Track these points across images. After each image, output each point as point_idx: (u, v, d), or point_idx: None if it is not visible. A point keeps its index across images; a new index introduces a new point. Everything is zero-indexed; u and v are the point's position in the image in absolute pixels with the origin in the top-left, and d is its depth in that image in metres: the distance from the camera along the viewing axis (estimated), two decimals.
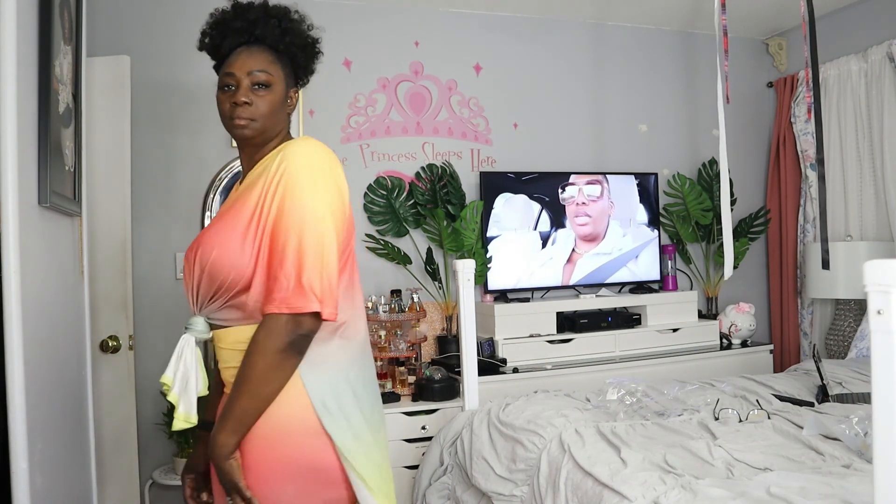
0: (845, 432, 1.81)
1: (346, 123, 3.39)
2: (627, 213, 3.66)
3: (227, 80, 1.38)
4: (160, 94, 3.10)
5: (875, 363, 0.88)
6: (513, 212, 3.46)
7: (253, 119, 1.36)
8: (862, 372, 2.66)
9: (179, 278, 3.10)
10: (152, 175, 3.09)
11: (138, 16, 3.08)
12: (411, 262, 3.38)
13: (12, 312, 1.45)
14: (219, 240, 1.31)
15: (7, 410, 1.46)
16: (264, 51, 1.41)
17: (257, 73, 1.37)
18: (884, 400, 0.86)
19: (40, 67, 1.66)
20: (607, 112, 3.86)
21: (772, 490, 1.48)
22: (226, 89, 1.38)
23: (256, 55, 1.39)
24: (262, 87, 1.38)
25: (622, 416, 2.16)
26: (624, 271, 3.65)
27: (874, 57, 3.44)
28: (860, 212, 3.60)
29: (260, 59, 1.39)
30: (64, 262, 1.91)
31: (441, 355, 3.36)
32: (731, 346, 3.63)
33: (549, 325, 3.38)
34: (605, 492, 1.63)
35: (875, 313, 0.87)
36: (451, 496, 2.34)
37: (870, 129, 3.51)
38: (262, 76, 1.38)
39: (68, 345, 1.94)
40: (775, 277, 4.01)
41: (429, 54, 3.53)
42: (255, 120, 1.37)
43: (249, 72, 1.37)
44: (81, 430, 2.05)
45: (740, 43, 4.07)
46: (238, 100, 1.36)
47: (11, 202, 1.45)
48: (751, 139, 4.15)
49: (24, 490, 1.46)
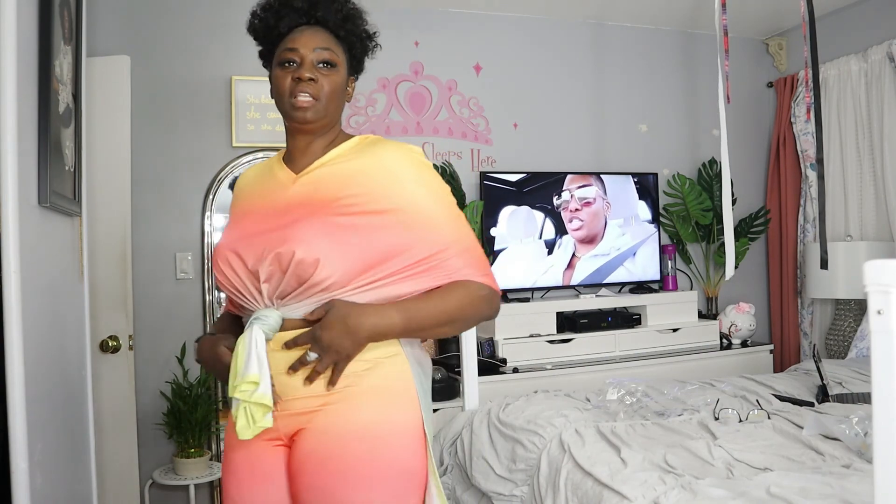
0: (845, 432, 1.80)
1: (346, 123, 3.39)
2: (627, 211, 3.66)
3: (289, 56, 1.30)
4: (160, 94, 3.10)
5: (875, 363, 0.88)
6: (517, 223, 3.46)
7: (317, 98, 1.29)
8: (862, 372, 2.66)
9: (180, 278, 3.10)
10: (152, 175, 3.09)
11: (138, 16, 3.08)
12: None
13: (12, 312, 1.45)
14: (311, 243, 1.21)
15: (7, 410, 1.45)
16: (327, 32, 1.34)
17: (322, 51, 1.31)
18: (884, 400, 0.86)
19: (40, 67, 1.66)
20: (607, 112, 3.86)
21: (772, 490, 1.48)
22: (287, 65, 1.30)
23: (320, 34, 1.33)
24: (328, 66, 1.31)
25: (622, 416, 2.15)
26: (621, 270, 3.64)
27: (874, 57, 3.44)
28: (860, 212, 3.60)
29: (325, 37, 1.33)
30: (64, 262, 1.91)
31: (441, 355, 3.36)
32: (731, 346, 3.63)
33: (550, 325, 3.38)
34: (605, 492, 1.63)
35: (875, 313, 0.87)
36: (451, 496, 2.34)
37: (870, 129, 3.50)
38: (327, 54, 1.31)
39: (68, 345, 1.94)
40: (775, 277, 4.01)
41: (429, 54, 3.53)
42: (318, 100, 1.29)
43: (315, 48, 1.30)
44: (81, 431, 2.05)
45: (740, 43, 4.07)
46: (303, 75, 1.28)
47: (11, 202, 1.45)
48: (751, 139, 4.15)
49: (24, 490, 1.46)
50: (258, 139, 3.18)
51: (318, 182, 1.30)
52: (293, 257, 1.19)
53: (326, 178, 1.30)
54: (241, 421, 1.18)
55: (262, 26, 1.37)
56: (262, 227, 1.29)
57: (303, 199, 1.29)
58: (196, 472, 2.83)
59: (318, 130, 1.34)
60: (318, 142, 1.35)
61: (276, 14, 1.34)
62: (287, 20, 1.33)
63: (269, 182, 1.37)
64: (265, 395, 1.17)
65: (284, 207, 1.29)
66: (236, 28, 3.21)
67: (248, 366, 1.17)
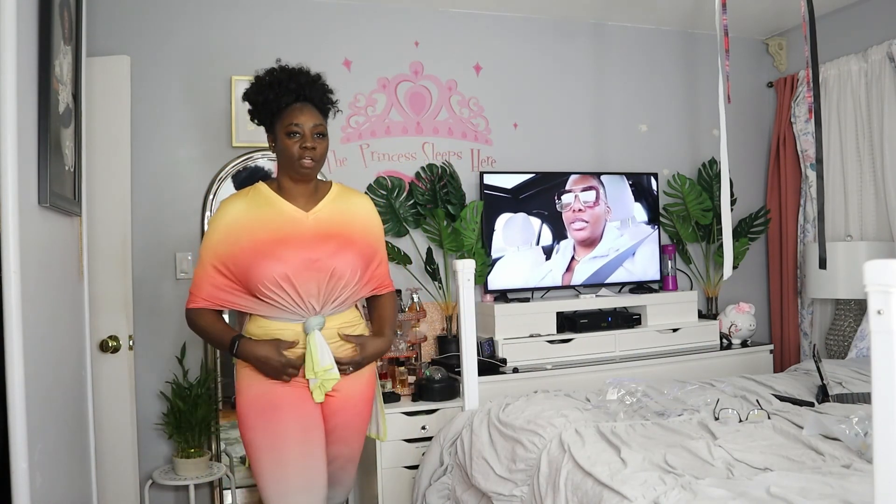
0: (845, 432, 1.80)
1: (346, 123, 3.39)
2: (625, 213, 3.66)
3: (294, 129, 1.88)
4: (160, 94, 3.10)
5: (875, 363, 0.88)
6: (513, 231, 3.46)
7: (316, 160, 1.90)
8: (862, 372, 2.66)
9: (180, 278, 3.10)
10: (152, 175, 3.09)
11: (138, 16, 3.08)
12: (411, 262, 3.38)
13: (12, 312, 1.45)
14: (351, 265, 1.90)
15: (7, 410, 1.46)
16: (313, 108, 1.93)
17: (317, 126, 1.91)
18: (884, 400, 0.86)
19: (40, 67, 1.66)
20: (607, 112, 3.86)
21: (772, 490, 1.48)
22: (293, 136, 1.88)
23: (310, 111, 1.91)
24: (321, 137, 1.92)
25: (622, 416, 2.15)
26: (621, 271, 3.65)
27: (874, 57, 3.44)
28: (860, 212, 3.60)
29: (315, 114, 1.92)
30: (64, 262, 1.91)
31: (441, 355, 3.36)
32: (731, 346, 3.63)
33: (549, 325, 3.38)
34: (605, 492, 1.63)
35: (875, 313, 0.87)
36: (451, 496, 2.34)
37: (870, 129, 3.50)
38: (321, 128, 1.93)
39: (68, 345, 1.94)
40: (775, 277, 4.01)
41: (429, 54, 3.53)
42: (317, 161, 1.91)
43: (314, 124, 1.90)
44: (81, 430, 2.06)
45: (740, 43, 4.07)
46: (307, 144, 1.88)
47: (11, 202, 1.45)
48: (751, 139, 4.15)
49: (24, 490, 1.46)
50: (258, 139, 3.17)
51: (330, 220, 1.94)
52: (341, 281, 1.89)
53: (331, 216, 1.95)
54: (317, 391, 1.89)
55: (263, 100, 1.91)
56: (306, 258, 1.85)
57: (327, 232, 1.92)
58: (196, 472, 2.83)
59: (313, 177, 1.96)
60: (311, 186, 1.96)
61: (274, 92, 1.89)
62: (285, 98, 1.90)
63: (278, 215, 1.90)
64: (336, 375, 1.89)
65: (314, 238, 1.90)
66: (236, 28, 3.22)
67: (322, 358, 1.85)
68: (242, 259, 1.84)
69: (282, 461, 1.86)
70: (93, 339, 2.33)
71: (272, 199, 1.92)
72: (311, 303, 1.86)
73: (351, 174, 3.37)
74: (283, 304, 1.84)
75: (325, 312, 1.90)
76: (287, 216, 1.90)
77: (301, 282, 1.83)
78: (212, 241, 1.89)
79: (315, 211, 1.93)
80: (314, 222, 1.91)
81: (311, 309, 1.87)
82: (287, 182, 1.93)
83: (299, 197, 1.93)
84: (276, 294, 1.82)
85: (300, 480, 1.87)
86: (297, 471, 1.87)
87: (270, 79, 1.90)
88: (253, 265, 1.82)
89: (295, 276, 1.82)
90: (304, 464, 1.88)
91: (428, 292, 3.42)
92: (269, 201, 1.92)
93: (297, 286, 1.83)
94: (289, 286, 1.82)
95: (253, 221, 1.88)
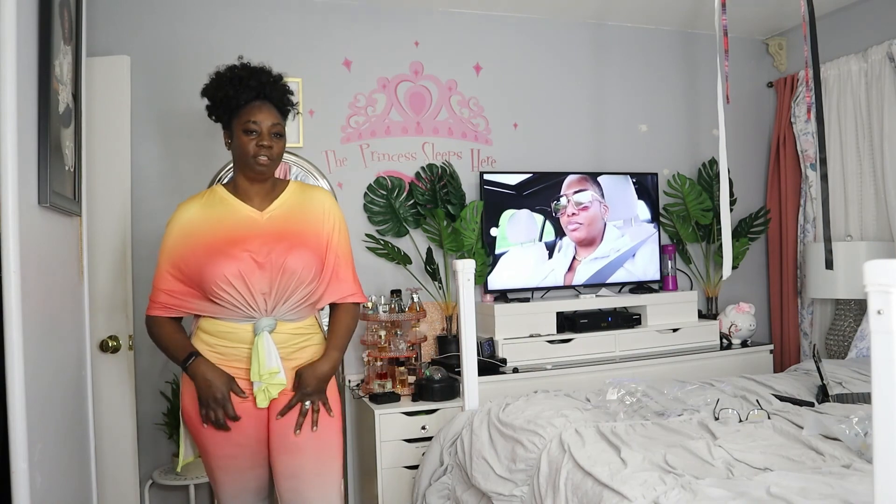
0: (845, 432, 1.81)
1: (346, 123, 3.39)
2: (626, 212, 3.66)
3: (252, 127, 1.85)
4: (160, 94, 3.10)
5: (875, 363, 0.88)
6: (517, 227, 3.46)
7: (272, 159, 1.88)
8: (862, 372, 2.66)
9: None
10: (152, 175, 3.09)
11: (138, 16, 3.08)
12: (411, 262, 3.38)
13: (12, 312, 1.45)
14: (304, 262, 1.85)
15: (7, 410, 1.46)
16: (272, 107, 1.90)
17: (275, 125, 1.89)
18: (884, 400, 0.86)
19: (40, 67, 1.66)
20: (607, 112, 3.86)
21: (772, 490, 1.48)
22: (250, 134, 1.86)
23: (269, 110, 1.89)
24: (278, 137, 1.90)
25: (622, 416, 2.15)
26: (621, 271, 3.65)
27: (874, 57, 3.44)
28: (860, 212, 3.60)
29: (274, 113, 1.90)
30: (64, 262, 1.91)
31: (441, 355, 3.36)
32: (731, 346, 3.63)
33: (550, 325, 3.38)
34: (605, 492, 1.63)
35: (875, 313, 0.87)
36: (451, 496, 2.34)
37: (870, 129, 3.51)
38: (279, 128, 1.90)
39: (68, 345, 1.94)
40: (775, 277, 4.01)
41: (429, 54, 3.53)
42: (273, 160, 1.88)
43: (272, 123, 1.88)
44: (81, 430, 2.05)
45: (740, 43, 4.07)
46: (264, 143, 1.85)
47: (11, 202, 1.45)
48: (751, 139, 4.15)
49: (24, 490, 1.46)
50: None
51: (285, 218, 1.91)
52: (294, 278, 1.84)
53: (287, 215, 1.92)
54: (260, 395, 1.85)
55: (222, 96, 1.89)
56: (259, 256, 1.82)
57: (280, 231, 1.88)
58: (196, 472, 2.82)
59: (268, 177, 1.93)
60: (266, 185, 1.94)
61: (234, 89, 1.87)
62: (244, 95, 1.87)
63: (231, 214, 1.89)
64: (283, 380, 1.85)
65: (268, 236, 1.86)
66: (236, 28, 3.22)
67: (269, 360, 1.81)
68: (195, 260, 1.83)
69: (217, 466, 1.93)
70: (93, 339, 2.33)
71: (227, 200, 1.91)
72: (263, 301, 1.83)
73: (351, 174, 3.37)
74: (236, 302, 1.81)
75: (279, 314, 1.86)
76: (242, 216, 1.89)
77: (254, 280, 1.80)
78: (167, 245, 1.90)
79: (270, 210, 1.91)
80: (268, 221, 1.89)
81: (263, 309, 1.83)
82: (243, 182, 1.92)
83: (255, 196, 1.92)
84: (228, 293, 1.80)
85: (230, 489, 1.95)
86: (231, 479, 1.94)
87: (231, 75, 1.88)
88: (206, 264, 1.80)
89: (247, 273, 1.80)
90: (235, 477, 1.93)
91: (428, 292, 3.42)
92: (223, 202, 1.91)
93: (249, 284, 1.80)
94: (241, 284, 1.79)
95: (207, 222, 1.87)
